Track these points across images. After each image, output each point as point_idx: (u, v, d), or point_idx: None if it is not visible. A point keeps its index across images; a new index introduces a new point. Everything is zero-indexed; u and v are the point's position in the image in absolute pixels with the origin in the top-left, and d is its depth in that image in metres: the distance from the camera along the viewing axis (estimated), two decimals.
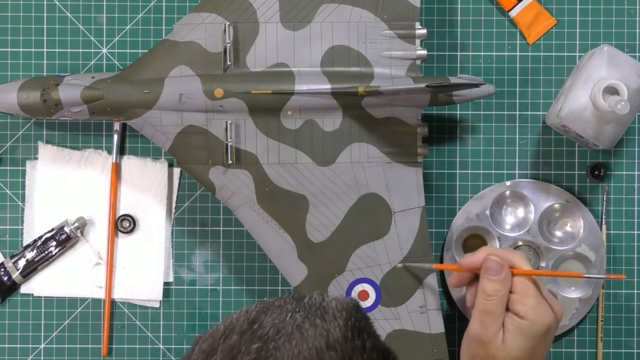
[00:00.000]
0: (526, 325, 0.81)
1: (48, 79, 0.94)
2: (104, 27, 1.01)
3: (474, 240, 1.01)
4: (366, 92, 0.92)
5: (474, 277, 0.87)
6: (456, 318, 1.02)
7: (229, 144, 0.93)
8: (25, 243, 1.01)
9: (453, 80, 0.94)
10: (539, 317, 0.81)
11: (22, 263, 1.00)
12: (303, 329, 0.61)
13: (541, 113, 1.02)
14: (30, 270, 1.00)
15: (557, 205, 1.01)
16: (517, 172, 1.02)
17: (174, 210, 1.02)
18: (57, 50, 1.01)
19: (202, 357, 0.60)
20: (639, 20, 1.02)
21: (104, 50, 1.01)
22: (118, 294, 1.01)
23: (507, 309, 0.83)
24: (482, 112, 1.02)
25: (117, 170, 1.01)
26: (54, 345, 1.01)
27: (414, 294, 0.96)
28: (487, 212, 1.00)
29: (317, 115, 0.94)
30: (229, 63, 0.94)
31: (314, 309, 0.63)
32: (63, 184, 1.01)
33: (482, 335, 0.82)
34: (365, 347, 0.61)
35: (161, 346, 1.01)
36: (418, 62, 0.95)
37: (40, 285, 1.01)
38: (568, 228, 1.01)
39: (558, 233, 1.02)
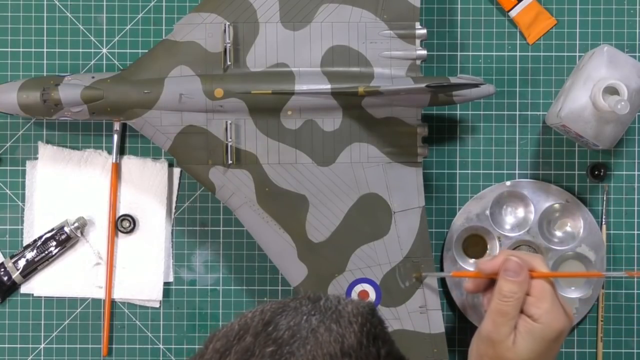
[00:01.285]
0: (538, 329, 0.81)
1: (48, 79, 0.94)
2: (104, 27, 1.01)
3: (474, 240, 1.01)
4: (366, 92, 0.92)
5: (491, 282, 0.86)
6: (456, 318, 1.02)
7: (229, 144, 0.93)
8: (25, 243, 1.01)
9: (453, 80, 0.94)
10: (552, 321, 0.81)
11: (22, 263, 1.00)
12: (318, 334, 0.60)
13: (541, 113, 1.02)
14: (30, 270, 1.00)
15: (557, 205, 1.01)
16: (517, 172, 1.02)
17: (174, 210, 1.02)
18: (57, 50, 1.01)
19: (216, 357, 0.60)
20: (639, 20, 1.02)
21: (104, 50, 1.01)
22: (118, 294, 1.01)
23: (521, 311, 0.82)
24: (482, 112, 1.02)
25: (117, 170, 1.01)
26: (54, 345, 1.01)
27: (414, 294, 0.96)
28: (487, 212, 1.00)
29: (317, 115, 0.94)
30: (229, 63, 0.94)
31: (329, 313, 0.62)
32: (63, 184, 1.01)
33: (493, 335, 0.82)
34: (380, 355, 0.60)
35: (161, 346, 1.01)
36: (418, 62, 0.95)
37: (40, 285, 1.01)
38: (568, 228, 1.01)
39: (558, 233, 1.02)
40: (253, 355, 0.59)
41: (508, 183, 1.01)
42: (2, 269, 1.00)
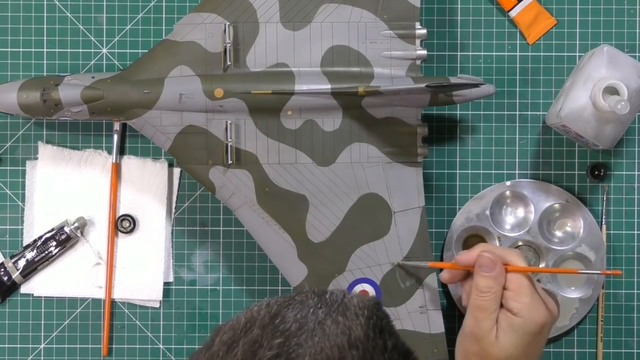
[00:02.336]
0: (519, 323, 0.81)
1: (48, 79, 0.94)
2: (104, 27, 1.01)
3: (474, 240, 1.01)
4: (366, 92, 0.92)
5: (468, 274, 0.87)
6: (456, 318, 1.02)
7: (229, 144, 0.93)
8: (25, 243, 1.01)
9: (453, 80, 0.94)
10: (533, 315, 0.82)
11: (22, 263, 1.00)
12: (325, 326, 0.61)
13: (541, 113, 1.02)
14: (30, 270, 1.00)
15: (557, 205, 1.01)
16: (517, 172, 1.02)
17: (174, 210, 1.02)
18: (57, 50, 1.01)
19: (223, 350, 0.60)
20: (639, 20, 1.02)
21: (104, 50, 1.01)
22: (118, 294, 1.01)
23: (502, 306, 0.83)
24: (482, 112, 1.02)
25: (117, 170, 1.01)
26: (54, 345, 1.01)
27: (414, 294, 0.96)
28: (487, 212, 1.00)
29: (317, 115, 0.94)
30: (229, 63, 0.94)
31: (335, 306, 0.63)
32: (63, 184, 1.01)
33: (475, 330, 0.82)
34: (386, 347, 0.61)
35: (161, 346, 1.01)
36: (418, 62, 0.95)
37: (40, 285, 1.01)
38: (568, 228, 1.01)
39: (558, 233, 1.02)
40: (261, 346, 0.59)
41: (508, 183, 1.01)
42: (2, 269, 1.00)
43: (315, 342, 0.59)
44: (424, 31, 0.95)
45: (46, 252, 0.99)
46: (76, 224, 1.00)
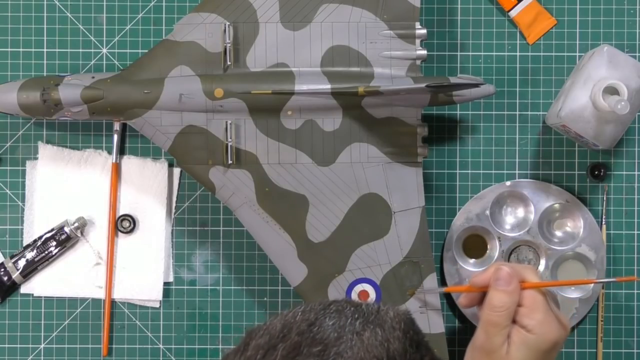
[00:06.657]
0: (533, 339, 0.80)
1: (48, 79, 0.94)
2: (104, 27, 1.01)
3: (474, 240, 1.01)
4: (366, 92, 0.92)
5: (485, 296, 0.86)
6: (456, 318, 1.02)
7: (229, 144, 0.93)
8: (25, 243, 1.01)
9: (453, 80, 0.94)
10: (547, 332, 0.81)
11: (22, 263, 1.00)
12: (364, 337, 0.61)
13: (541, 113, 1.02)
14: (30, 270, 1.00)
15: (557, 205, 1.01)
16: (517, 172, 1.02)
17: (174, 210, 1.02)
18: (57, 50, 1.01)
19: (261, 354, 0.60)
20: (639, 20, 1.02)
21: (104, 50, 1.01)
22: (118, 294, 1.01)
23: (515, 322, 0.82)
24: (482, 112, 1.02)
25: (117, 170, 1.01)
26: (54, 345, 1.01)
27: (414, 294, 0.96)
28: (487, 212, 1.00)
29: (317, 115, 0.94)
30: (229, 63, 0.94)
31: (372, 317, 0.64)
32: (63, 184, 1.01)
33: (486, 345, 0.81)
34: None
35: (161, 346, 1.01)
36: (418, 62, 0.95)
37: (40, 285, 1.01)
38: (568, 228, 1.01)
39: (558, 233, 1.02)
40: (300, 354, 0.59)
41: (508, 183, 1.01)
42: (2, 269, 1.00)
43: (355, 352, 0.60)
44: (424, 31, 0.95)
45: (46, 252, 0.99)
46: (76, 224, 1.00)
